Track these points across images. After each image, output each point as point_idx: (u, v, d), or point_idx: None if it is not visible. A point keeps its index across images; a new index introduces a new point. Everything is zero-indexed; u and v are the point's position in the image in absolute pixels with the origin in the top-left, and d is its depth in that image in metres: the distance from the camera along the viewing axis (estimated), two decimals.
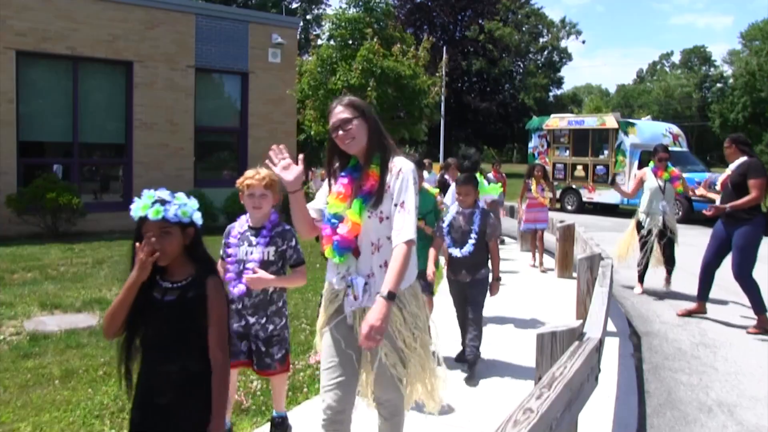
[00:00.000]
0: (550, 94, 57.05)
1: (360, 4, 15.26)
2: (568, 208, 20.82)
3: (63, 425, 3.96)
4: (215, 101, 15.95)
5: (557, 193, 12.72)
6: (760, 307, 6.41)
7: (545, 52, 55.99)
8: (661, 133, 20.10)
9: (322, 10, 46.26)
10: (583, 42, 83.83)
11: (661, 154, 8.20)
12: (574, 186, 20.94)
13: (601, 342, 3.35)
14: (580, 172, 20.86)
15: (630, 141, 19.55)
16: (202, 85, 15.14)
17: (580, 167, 20.88)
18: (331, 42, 15.89)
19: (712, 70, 71.64)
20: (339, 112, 2.76)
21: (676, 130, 21.00)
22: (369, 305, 2.70)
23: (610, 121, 20.31)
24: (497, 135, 50.59)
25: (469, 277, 5.01)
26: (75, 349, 5.47)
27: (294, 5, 46.76)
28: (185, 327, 2.41)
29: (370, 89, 12.82)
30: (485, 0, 47.45)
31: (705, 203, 8.42)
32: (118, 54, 13.69)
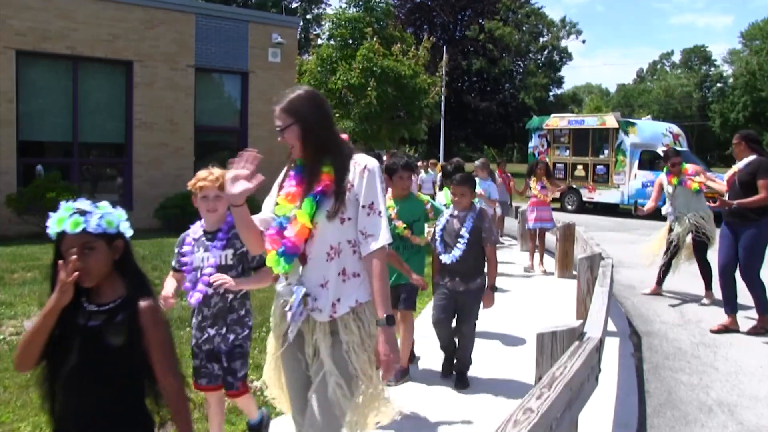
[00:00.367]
0: (551, 93, 57.02)
1: (360, 3, 15.27)
2: (569, 207, 20.82)
3: None
4: (215, 101, 15.94)
5: (561, 188, 12.53)
6: (764, 308, 6.35)
7: (545, 52, 55.96)
8: (661, 132, 20.09)
9: (322, 10, 46.30)
10: (584, 42, 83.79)
11: (672, 159, 7.80)
12: (575, 186, 20.95)
13: (601, 342, 3.35)
14: (580, 171, 20.87)
15: (630, 141, 19.56)
16: (202, 84, 15.12)
17: (580, 167, 20.88)
18: (331, 42, 15.89)
19: (712, 69, 71.62)
20: (275, 118, 2.56)
21: (676, 129, 21.00)
22: (320, 319, 2.48)
23: (611, 120, 20.32)
24: (497, 135, 50.58)
25: (462, 285, 4.62)
26: None
27: (294, 5, 46.79)
28: (114, 355, 2.05)
29: (370, 89, 12.82)
30: (485, 0, 47.43)
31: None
32: (117, 54, 13.68)
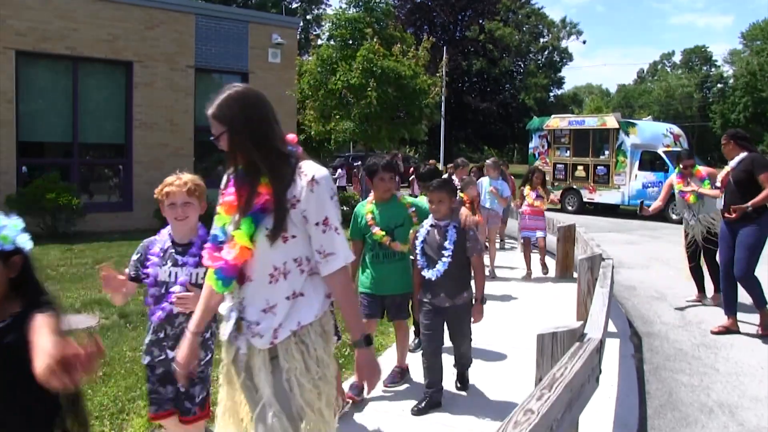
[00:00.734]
0: (551, 94, 57.02)
1: (360, 4, 15.25)
2: (569, 208, 20.81)
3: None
4: None
5: (555, 195, 12.28)
6: (761, 302, 6.27)
7: (546, 52, 55.97)
8: (661, 133, 20.09)
9: (322, 10, 46.34)
10: (584, 42, 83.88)
11: (685, 161, 7.62)
12: (575, 186, 20.94)
13: (601, 343, 3.34)
14: (580, 172, 20.86)
15: (631, 141, 19.54)
16: (201, 85, 15.12)
17: (580, 167, 20.87)
18: (331, 42, 15.88)
19: (713, 70, 71.61)
20: (210, 123, 2.28)
21: (677, 130, 20.99)
22: (259, 345, 2.27)
23: (611, 121, 20.31)
24: (498, 135, 50.58)
25: (448, 301, 4.21)
26: None
27: (294, 5, 46.83)
28: (5, 379, 1.85)
29: (370, 89, 12.81)
30: (485, 0, 47.45)
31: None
32: (117, 54, 13.69)
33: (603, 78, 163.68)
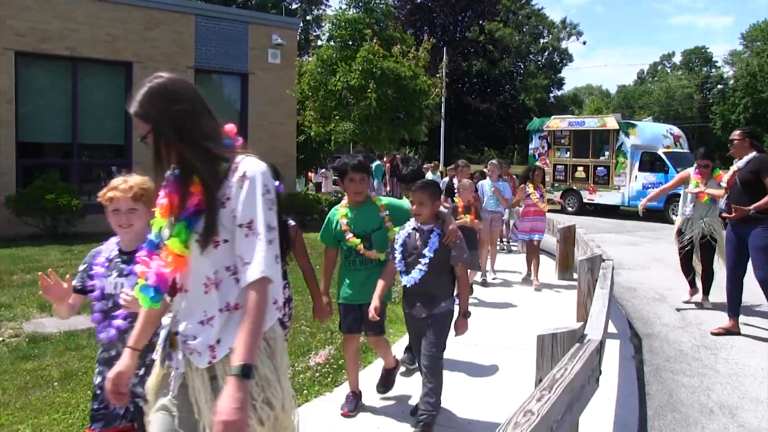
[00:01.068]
0: (551, 95, 57.00)
1: (360, 4, 15.26)
2: (569, 209, 20.82)
3: (62, 427, 3.94)
4: (215, 102, 15.43)
5: (554, 196, 11.99)
6: None
7: (546, 53, 55.95)
8: (662, 134, 20.10)
9: (322, 11, 46.34)
10: (584, 43, 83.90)
11: (700, 161, 7.32)
12: (575, 187, 20.94)
13: (601, 344, 3.34)
14: (580, 173, 20.87)
15: (631, 142, 19.56)
16: (201, 85, 14.93)
17: (580, 168, 20.88)
18: (331, 43, 15.89)
19: (713, 71, 71.64)
20: (135, 123, 2.11)
21: (677, 131, 21.01)
22: (198, 363, 2.06)
23: (611, 122, 20.32)
24: (498, 136, 50.56)
25: (425, 311, 3.85)
26: (74, 351, 5.46)
27: (294, 6, 46.82)
28: None
29: (370, 90, 12.81)
30: (485, 0, 47.46)
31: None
32: (117, 54, 13.69)
33: (603, 79, 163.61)
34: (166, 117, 1.99)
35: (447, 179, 11.81)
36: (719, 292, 7.73)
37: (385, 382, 4.55)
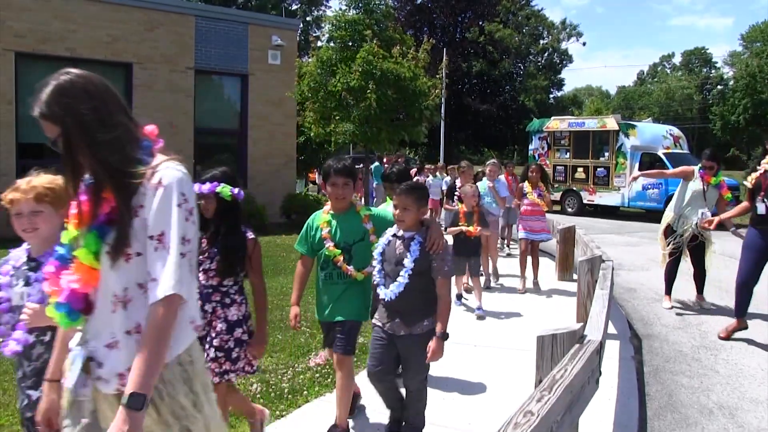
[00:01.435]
0: (551, 95, 57.08)
1: (360, 5, 15.26)
2: (569, 210, 20.82)
3: None
4: (215, 103, 15.95)
5: (554, 196, 11.44)
6: None
7: (545, 54, 56.02)
8: (661, 135, 20.10)
9: (321, 12, 46.34)
10: (584, 44, 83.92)
11: (706, 162, 7.17)
12: (575, 188, 20.95)
13: (601, 344, 3.34)
14: (580, 174, 20.87)
15: (631, 143, 19.57)
16: (201, 86, 15.13)
17: (580, 169, 20.89)
18: (331, 44, 15.89)
19: (713, 71, 71.69)
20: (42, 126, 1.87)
21: (677, 132, 21.01)
22: (106, 390, 1.87)
23: (611, 122, 20.33)
24: (497, 137, 50.62)
25: (404, 329, 3.45)
26: None
27: (294, 7, 46.83)
28: None
29: (369, 91, 12.81)
30: (485, 1, 47.52)
31: None
32: (117, 55, 13.70)
33: (603, 79, 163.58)
34: (76, 117, 1.79)
35: (449, 180, 11.78)
36: (721, 294, 7.74)
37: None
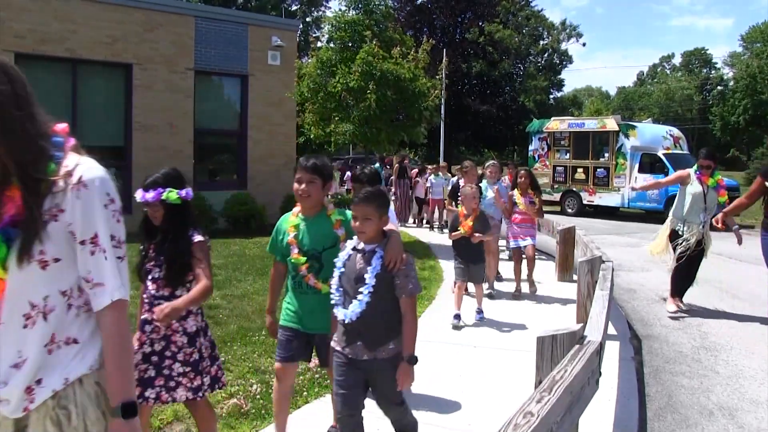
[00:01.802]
0: (551, 96, 57.09)
1: (360, 6, 15.24)
2: (569, 210, 20.83)
3: None
4: (215, 103, 15.95)
5: (554, 197, 10.66)
6: None
7: (545, 55, 56.03)
8: (661, 135, 20.11)
9: (321, 13, 46.39)
10: (584, 44, 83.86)
11: (703, 161, 7.15)
12: (575, 189, 20.95)
13: (601, 345, 3.34)
14: (580, 174, 20.87)
15: (630, 143, 19.57)
16: (201, 87, 15.13)
17: (580, 170, 20.89)
18: (331, 44, 15.89)
19: (713, 72, 71.74)
20: None
21: (676, 132, 21.02)
22: (9, 413, 1.65)
23: (611, 123, 20.33)
24: (497, 137, 50.61)
25: (366, 353, 3.06)
26: None
27: (293, 7, 46.86)
28: None
29: (369, 92, 12.79)
30: (485, 2, 47.53)
31: None
32: (117, 56, 13.69)
33: (603, 80, 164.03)
34: None
35: (455, 179, 11.66)
36: (721, 294, 7.74)
37: None
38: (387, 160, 19.77)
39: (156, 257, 3.16)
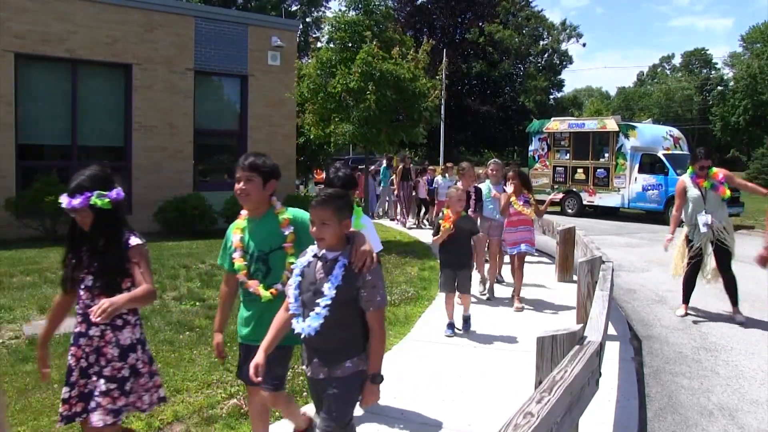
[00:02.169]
0: (551, 96, 57.07)
1: (360, 6, 15.24)
2: (569, 211, 20.82)
3: (62, 429, 3.93)
4: (215, 104, 15.96)
5: (544, 200, 9.06)
6: None
7: (545, 55, 56.04)
8: (661, 136, 20.11)
9: (321, 13, 46.34)
10: (584, 45, 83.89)
11: (701, 162, 7.02)
12: (575, 189, 20.94)
13: (601, 346, 3.34)
14: (580, 175, 20.86)
15: (630, 144, 19.56)
16: (201, 87, 15.14)
17: (580, 170, 20.88)
18: (331, 45, 15.89)
19: (713, 72, 71.77)
20: None
21: (676, 133, 21.01)
22: None
23: (611, 123, 20.32)
24: (497, 138, 50.64)
25: (323, 371, 2.80)
26: None
27: (293, 8, 46.82)
28: None
29: (369, 92, 12.79)
30: (485, 2, 47.56)
31: None
32: (117, 56, 13.70)
33: (603, 80, 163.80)
34: None
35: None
36: (721, 295, 7.72)
37: None
38: (388, 161, 19.73)
39: (89, 264, 2.92)
